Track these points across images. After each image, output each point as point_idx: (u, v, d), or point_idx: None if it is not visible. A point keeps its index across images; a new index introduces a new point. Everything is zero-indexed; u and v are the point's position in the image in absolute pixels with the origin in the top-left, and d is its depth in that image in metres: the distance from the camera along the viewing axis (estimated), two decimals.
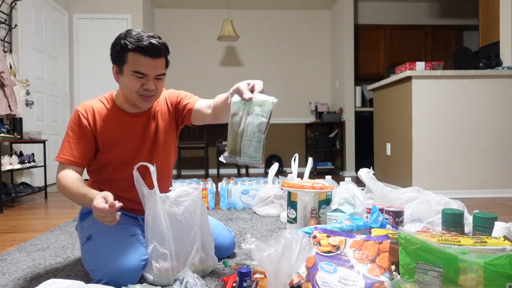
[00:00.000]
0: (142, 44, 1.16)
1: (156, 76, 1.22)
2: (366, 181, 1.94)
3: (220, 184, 2.73)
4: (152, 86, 1.22)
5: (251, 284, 1.06)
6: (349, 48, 5.12)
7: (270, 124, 1.08)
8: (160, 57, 1.21)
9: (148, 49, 1.16)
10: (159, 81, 1.24)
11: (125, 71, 1.21)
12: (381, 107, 3.74)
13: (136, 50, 1.16)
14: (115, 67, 1.25)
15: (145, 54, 1.17)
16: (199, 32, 5.62)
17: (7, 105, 2.97)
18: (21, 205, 2.99)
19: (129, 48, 1.17)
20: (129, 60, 1.19)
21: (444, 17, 5.94)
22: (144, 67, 1.18)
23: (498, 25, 3.47)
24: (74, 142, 1.26)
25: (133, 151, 1.32)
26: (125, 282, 1.12)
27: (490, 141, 3.11)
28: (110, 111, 1.31)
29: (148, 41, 1.17)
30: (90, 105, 1.30)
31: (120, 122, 1.31)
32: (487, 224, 1.34)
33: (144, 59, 1.17)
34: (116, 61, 1.23)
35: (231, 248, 1.50)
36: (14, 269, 1.42)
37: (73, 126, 1.27)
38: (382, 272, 0.97)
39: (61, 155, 1.25)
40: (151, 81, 1.21)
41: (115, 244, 1.17)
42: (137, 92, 1.23)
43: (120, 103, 1.33)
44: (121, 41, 1.19)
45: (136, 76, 1.20)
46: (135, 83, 1.21)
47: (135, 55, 1.17)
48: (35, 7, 3.83)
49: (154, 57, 1.18)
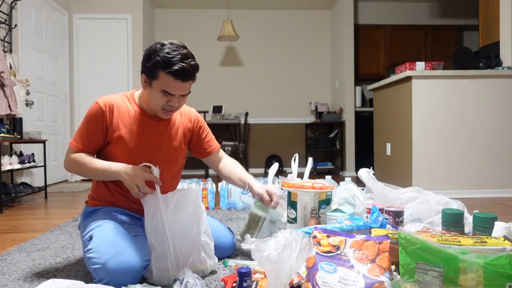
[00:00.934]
0: (175, 69, 1.20)
1: (182, 94, 1.29)
2: (366, 181, 1.94)
3: (220, 184, 2.73)
4: (177, 103, 1.30)
5: (251, 284, 1.06)
6: (349, 48, 5.12)
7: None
8: (190, 80, 1.27)
9: (180, 74, 1.21)
10: (183, 98, 1.32)
11: (154, 86, 1.26)
12: (381, 107, 3.74)
13: (169, 73, 1.21)
14: (144, 77, 1.30)
15: (176, 78, 1.22)
16: (199, 32, 5.62)
17: (7, 105, 2.97)
18: (21, 205, 2.99)
19: (164, 70, 1.21)
20: (160, 78, 1.23)
21: (444, 17, 5.94)
22: (173, 89, 1.24)
23: (498, 25, 3.47)
24: (88, 133, 1.32)
25: (143, 150, 1.35)
26: (127, 282, 1.11)
27: (490, 141, 3.11)
28: (131, 109, 1.37)
29: (181, 66, 1.21)
30: (111, 100, 1.34)
31: (138, 121, 1.36)
32: (487, 224, 1.34)
33: (175, 82, 1.23)
34: (148, 74, 1.27)
35: (231, 248, 1.50)
36: (14, 269, 1.42)
37: (90, 118, 1.32)
38: (382, 272, 0.97)
39: (74, 142, 1.33)
40: (176, 99, 1.28)
41: (118, 243, 1.17)
42: (162, 107, 1.29)
43: (141, 103, 1.39)
44: (156, 58, 1.22)
45: (163, 94, 1.26)
46: (161, 99, 1.27)
47: (166, 76, 1.22)
48: (35, 7, 3.83)
49: (184, 81, 1.24)
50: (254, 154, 5.71)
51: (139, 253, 1.17)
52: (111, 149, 1.34)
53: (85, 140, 1.32)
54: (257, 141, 5.71)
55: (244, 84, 5.70)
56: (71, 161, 1.32)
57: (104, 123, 1.32)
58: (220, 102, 5.62)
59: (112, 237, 1.20)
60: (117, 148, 1.33)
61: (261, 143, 5.71)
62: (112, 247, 1.16)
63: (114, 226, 1.25)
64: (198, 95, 5.63)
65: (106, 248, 1.16)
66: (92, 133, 1.32)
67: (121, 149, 1.33)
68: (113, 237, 1.20)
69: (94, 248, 1.17)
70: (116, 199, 1.37)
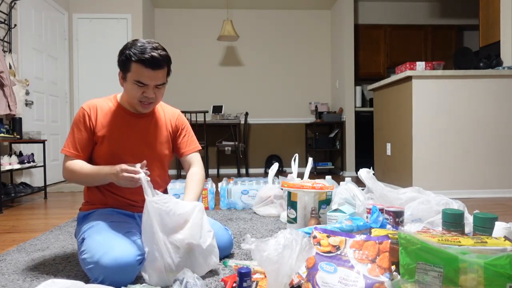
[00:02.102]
0: (144, 57, 1.26)
1: (156, 85, 1.33)
2: (366, 181, 1.94)
3: (220, 184, 2.73)
4: (152, 94, 1.34)
5: (251, 284, 1.06)
6: (349, 48, 5.12)
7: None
8: (161, 69, 1.31)
9: (149, 62, 1.27)
10: (159, 90, 1.36)
11: (129, 79, 1.32)
12: (381, 107, 3.74)
13: (139, 61, 1.27)
14: (120, 73, 1.37)
15: (146, 66, 1.27)
16: (199, 32, 5.62)
17: (7, 105, 2.97)
18: (20, 205, 2.99)
19: (133, 59, 1.28)
20: (132, 69, 1.30)
21: (444, 17, 5.94)
22: (145, 78, 1.29)
23: (498, 25, 3.47)
24: (77, 136, 1.38)
25: (128, 146, 1.40)
26: (122, 279, 1.12)
27: (491, 141, 3.11)
28: (112, 108, 1.42)
29: (150, 54, 1.27)
30: (94, 103, 1.42)
31: (120, 119, 1.42)
32: (488, 224, 1.34)
33: (146, 70, 1.28)
34: (122, 68, 1.35)
35: (228, 248, 1.49)
36: (14, 269, 1.42)
37: (77, 122, 1.39)
38: (382, 272, 0.96)
39: (66, 148, 1.38)
40: (151, 90, 1.33)
41: (109, 241, 1.18)
42: (138, 99, 1.34)
43: (123, 102, 1.45)
44: (127, 51, 1.29)
45: (137, 85, 1.31)
46: (136, 90, 1.32)
47: (137, 66, 1.28)
48: (35, 7, 3.83)
49: (154, 69, 1.29)
50: (254, 154, 5.71)
51: (131, 248, 1.17)
52: (97, 149, 1.39)
53: (76, 144, 1.37)
54: (257, 141, 5.71)
55: (244, 84, 5.70)
56: (65, 170, 1.38)
57: (90, 124, 1.38)
58: (220, 102, 5.62)
59: (103, 235, 1.21)
60: (103, 147, 1.38)
61: (261, 143, 5.71)
62: (103, 244, 1.16)
63: (105, 225, 1.27)
64: (198, 95, 5.63)
65: (98, 246, 1.16)
66: (80, 135, 1.37)
67: (106, 147, 1.38)
68: (104, 235, 1.21)
69: (87, 249, 1.19)
70: (107, 199, 1.41)
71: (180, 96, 5.59)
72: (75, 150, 1.37)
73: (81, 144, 1.37)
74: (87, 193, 1.44)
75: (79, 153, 1.37)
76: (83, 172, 1.33)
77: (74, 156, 1.37)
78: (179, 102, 5.51)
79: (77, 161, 1.36)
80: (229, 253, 1.52)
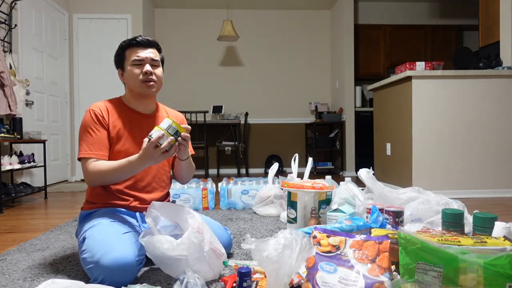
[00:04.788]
0: (134, 41, 1.41)
1: (151, 61, 1.41)
2: (366, 181, 1.94)
3: (220, 184, 2.73)
4: (150, 69, 1.39)
5: (251, 284, 1.06)
6: (349, 48, 5.12)
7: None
8: (151, 47, 1.43)
9: (139, 42, 1.40)
10: (157, 68, 1.43)
11: (126, 66, 1.41)
12: (381, 107, 3.74)
13: (129, 45, 1.41)
14: (120, 71, 1.44)
15: (137, 46, 1.41)
16: (199, 32, 5.62)
17: (7, 105, 2.97)
18: (21, 205, 2.99)
19: (125, 46, 1.41)
20: (126, 56, 1.41)
21: (444, 17, 5.94)
22: (139, 53, 1.39)
23: (498, 25, 3.47)
24: (96, 137, 1.36)
25: (139, 145, 1.39)
26: (122, 279, 1.12)
27: (490, 141, 3.11)
28: (120, 108, 1.45)
29: (139, 38, 1.41)
30: (102, 104, 1.43)
31: (129, 118, 1.45)
32: (487, 224, 1.34)
33: (138, 49, 1.40)
34: (119, 63, 1.44)
35: (227, 248, 1.49)
36: (14, 269, 1.42)
37: (91, 124, 1.37)
38: (382, 272, 0.97)
39: (86, 151, 1.33)
40: (148, 66, 1.40)
41: (110, 241, 1.18)
42: (140, 80, 1.39)
43: (128, 101, 1.48)
44: (120, 45, 1.43)
45: (135, 65, 1.39)
46: (135, 70, 1.39)
47: (130, 50, 1.41)
48: (35, 7, 3.83)
49: (145, 47, 1.41)
50: (254, 154, 5.71)
51: (131, 248, 1.18)
52: (113, 147, 1.39)
53: (96, 144, 1.35)
54: (257, 141, 5.71)
55: (244, 84, 5.70)
56: (91, 174, 1.31)
57: (104, 122, 1.39)
58: (220, 102, 5.62)
59: (103, 235, 1.21)
60: (118, 146, 1.39)
61: (261, 143, 5.71)
62: (104, 245, 1.16)
63: (106, 225, 1.27)
64: (198, 95, 5.63)
65: (98, 246, 1.17)
66: (99, 135, 1.36)
67: (120, 146, 1.39)
68: (105, 235, 1.21)
69: (87, 248, 1.19)
70: (111, 198, 1.40)
71: (180, 96, 5.59)
72: (98, 151, 1.34)
73: (102, 143, 1.35)
74: (91, 192, 1.43)
75: (103, 153, 1.35)
76: (113, 168, 1.28)
77: (98, 157, 1.33)
78: (179, 102, 5.51)
79: (100, 161, 1.32)
80: (228, 252, 1.52)
